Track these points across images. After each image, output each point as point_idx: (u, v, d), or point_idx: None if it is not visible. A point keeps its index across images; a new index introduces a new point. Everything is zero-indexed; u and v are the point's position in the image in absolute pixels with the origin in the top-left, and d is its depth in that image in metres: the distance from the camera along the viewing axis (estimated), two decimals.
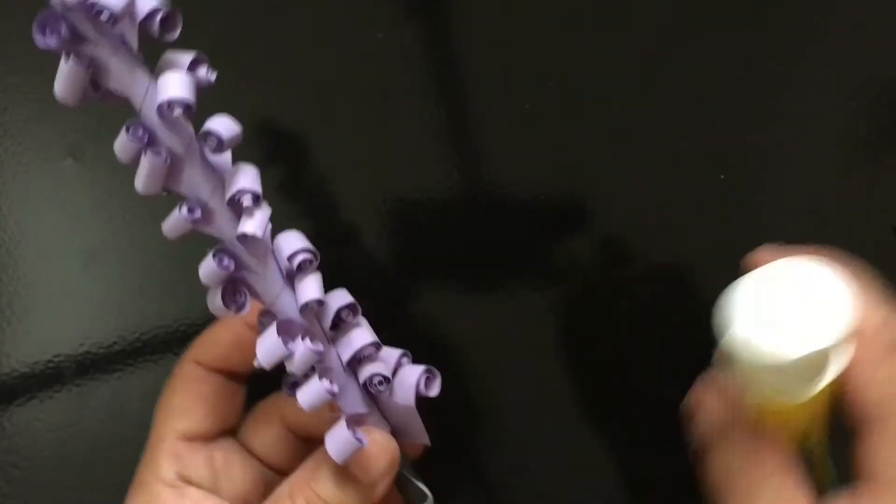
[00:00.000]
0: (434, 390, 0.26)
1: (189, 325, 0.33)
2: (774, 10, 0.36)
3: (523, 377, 0.35)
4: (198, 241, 0.34)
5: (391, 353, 0.26)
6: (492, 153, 0.35)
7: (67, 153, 0.33)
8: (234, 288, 0.23)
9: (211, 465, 0.27)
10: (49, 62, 0.33)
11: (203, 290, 0.23)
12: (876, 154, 0.36)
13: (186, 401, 0.27)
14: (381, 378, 0.25)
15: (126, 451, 0.33)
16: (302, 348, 0.22)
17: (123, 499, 0.33)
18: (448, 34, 0.35)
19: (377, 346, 0.25)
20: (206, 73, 0.22)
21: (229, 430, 0.28)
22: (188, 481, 0.26)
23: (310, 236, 0.34)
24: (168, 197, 0.22)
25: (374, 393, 0.25)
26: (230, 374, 0.28)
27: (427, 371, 0.26)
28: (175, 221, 0.23)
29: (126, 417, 0.33)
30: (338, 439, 0.23)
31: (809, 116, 0.36)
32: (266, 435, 0.28)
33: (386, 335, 0.29)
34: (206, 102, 0.20)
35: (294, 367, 0.23)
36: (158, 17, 0.20)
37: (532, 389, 0.35)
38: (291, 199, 0.34)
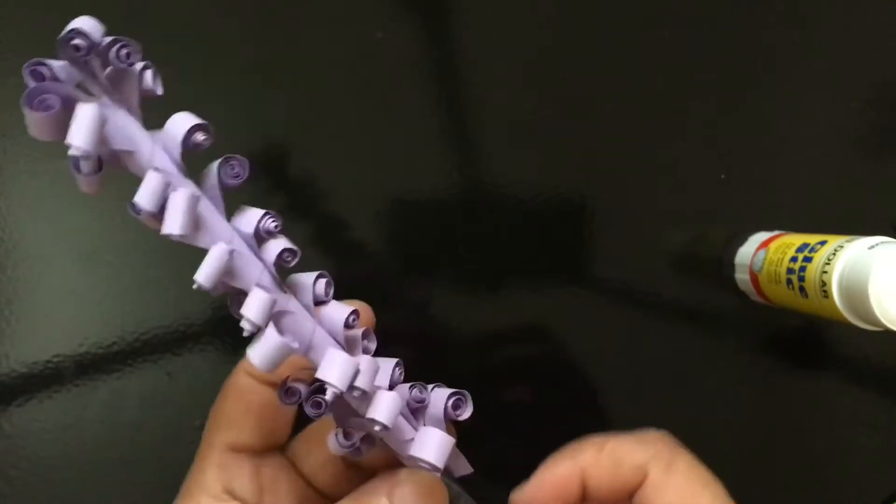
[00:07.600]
0: (465, 413, 0.25)
1: (188, 325, 0.33)
2: (775, 10, 0.36)
3: (523, 376, 0.35)
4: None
5: (386, 363, 0.25)
6: (492, 153, 0.35)
7: (67, 153, 0.33)
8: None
9: (257, 480, 0.26)
10: None
11: (201, 294, 0.23)
12: (876, 154, 0.36)
13: (236, 411, 0.27)
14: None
15: (125, 451, 0.33)
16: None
17: (122, 499, 0.33)
18: (448, 34, 0.35)
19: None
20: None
21: (278, 446, 0.28)
22: (233, 495, 0.26)
23: (310, 236, 0.35)
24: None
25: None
26: None
27: (456, 394, 0.25)
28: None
29: (125, 418, 0.33)
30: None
31: (810, 116, 0.36)
32: (316, 456, 0.28)
33: (385, 334, 0.29)
34: (206, 101, 0.20)
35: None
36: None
37: (533, 389, 0.35)
38: (291, 199, 0.34)
